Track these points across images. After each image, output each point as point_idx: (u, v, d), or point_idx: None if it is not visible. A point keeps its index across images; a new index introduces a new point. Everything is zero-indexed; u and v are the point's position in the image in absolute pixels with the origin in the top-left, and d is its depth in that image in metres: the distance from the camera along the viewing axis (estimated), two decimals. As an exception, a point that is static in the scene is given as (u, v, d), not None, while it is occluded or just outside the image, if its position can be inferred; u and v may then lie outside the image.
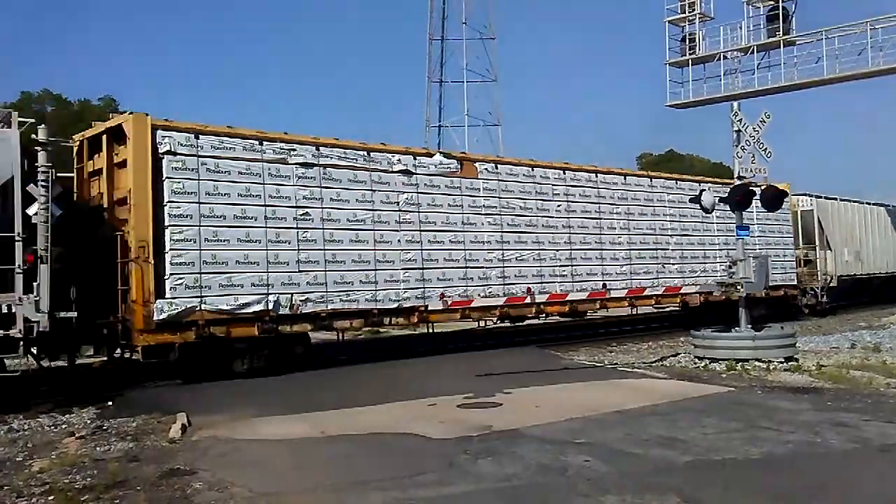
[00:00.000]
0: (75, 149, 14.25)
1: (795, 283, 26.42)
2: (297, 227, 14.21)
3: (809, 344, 17.35)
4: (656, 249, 21.11)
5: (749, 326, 14.40)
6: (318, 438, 8.67)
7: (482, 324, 18.68)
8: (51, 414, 10.67)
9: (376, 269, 15.23)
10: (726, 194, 15.43)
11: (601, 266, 19.63)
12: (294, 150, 14.48)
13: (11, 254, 10.70)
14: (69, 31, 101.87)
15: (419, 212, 16.10)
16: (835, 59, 25.62)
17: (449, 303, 16.24)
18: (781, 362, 13.53)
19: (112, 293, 12.52)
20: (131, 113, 13.06)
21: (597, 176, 19.95)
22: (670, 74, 28.85)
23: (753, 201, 15.25)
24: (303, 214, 14.31)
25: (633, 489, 6.35)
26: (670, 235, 21.61)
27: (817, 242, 28.00)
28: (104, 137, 13.48)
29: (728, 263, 15.26)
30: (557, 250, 18.69)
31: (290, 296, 13.91)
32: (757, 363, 13.43)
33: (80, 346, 13.21)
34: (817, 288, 27.61)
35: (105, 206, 13.31)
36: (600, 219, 19.80)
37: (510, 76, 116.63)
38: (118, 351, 13.51)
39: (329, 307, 14.43)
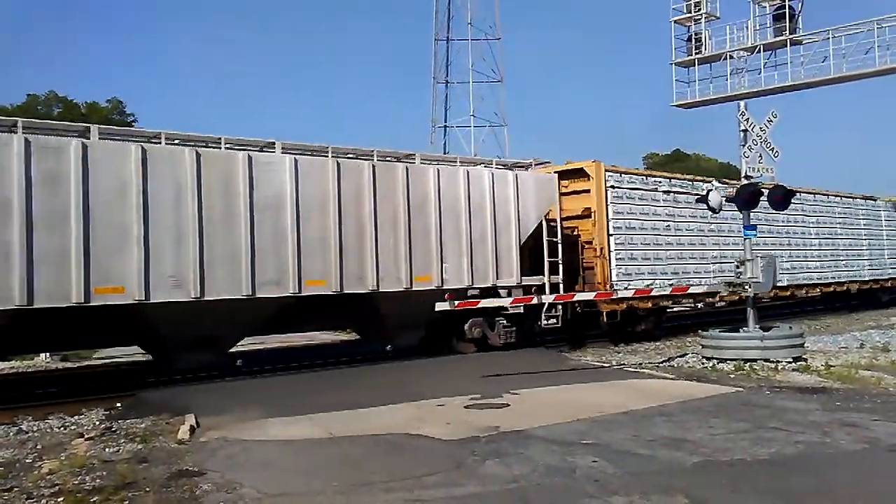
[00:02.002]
0: None
1: None
2: (664, 235, 20.22)
3: (818, 344, 17.30)
4: (835, 249, 28.05)
5: (757, 326, 14.36)
6: (326, 439, 8.69)
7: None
8: (60, 415, 10.73)
9: (699, 263, 21.30)
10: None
11: (835, 261, 27.70)
12: (660, 182, 20.65)
13: (554, 252, 17.31)
14: (72, 32, 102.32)
15: (717, 223, 21.60)
16: (842, 58, 25.53)
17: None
18: (790, 362, 13.49)
19: (571, 277, 18.25)
20: (594, 161, 18.95)
21: (814, 197, 27.45)
22: (676, 74, 28.76)
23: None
24: (666, 226, 20.35)
25: (640, 490, 6.34)
26: (842, 238, 28.53)
27: None
28: (555, 174, 18.73)
29: (736, 263, 15.21)
30: (818, 250, 26.38)
31: (663, 281, 19.37)
32: (765, 363, 13.39)
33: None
34: None
35: (555, 219, 17.89)
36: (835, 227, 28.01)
37: (516, 76, 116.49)
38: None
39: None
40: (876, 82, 26.54)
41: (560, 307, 16.76)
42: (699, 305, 23.72)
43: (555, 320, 16.81)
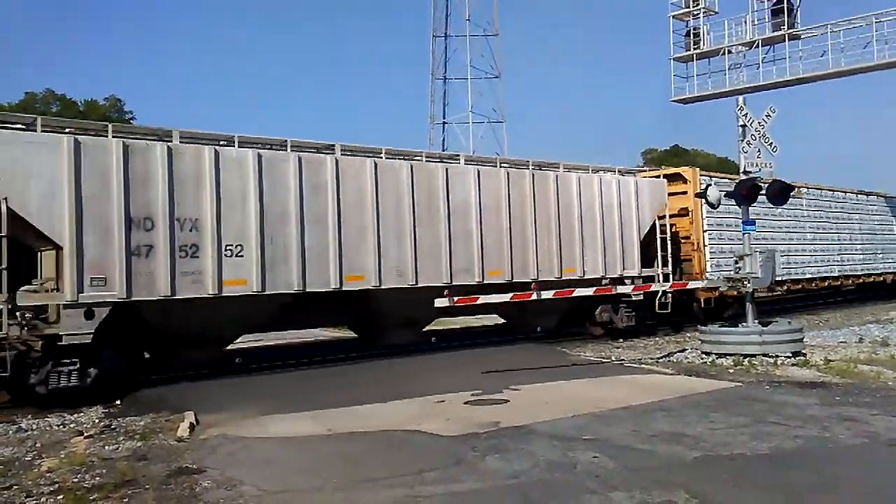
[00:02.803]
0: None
1: None
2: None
3: (817, 339, 17.32)
4: (873, 244, 30.50)
5: (756, 322, 14.36)
6: (326, 436, 8.69)
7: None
8: (59, 413, 10.71)
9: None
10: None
11: (874, 254, 30.33)
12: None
13: (665, 246, 19.69)
14: (68, 30, 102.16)
15: (793, 220, 25.18)
16: (840, 53, 25.58)
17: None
18: (789, 357, 13.48)
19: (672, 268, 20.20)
20: (690, 167, 22.19)
21: (857, 196, 30.08)
22: (675, 69, 28.81)
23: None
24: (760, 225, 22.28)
25: (641, 485, 6.34)
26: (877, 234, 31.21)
27: None
28: (664, 178, 21.04)
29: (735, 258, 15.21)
30: (861, 244, 29.25)
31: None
32: (764, 358, 13.39)
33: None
34: None
35: (665, 217, 20.11)
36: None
37: (514, 72, 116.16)
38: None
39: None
40: (875, 76, 26.58)
41: (670, 295, 19.09)
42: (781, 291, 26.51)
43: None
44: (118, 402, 11.50)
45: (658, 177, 20.90)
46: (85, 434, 9.15)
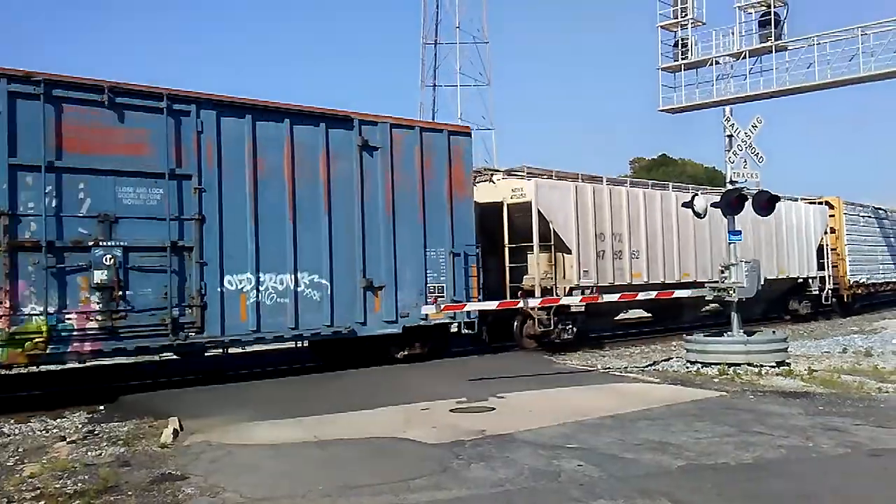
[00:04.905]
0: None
1: None
2: (866, 244, 30.74)
3: (801, 349, 17.41)
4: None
5: (741, 331, 14.44)
6: (311, 443, 8.66)
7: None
8: (42, 418, 10.62)
9: (887, 263, 32.78)
10: (718, 199, 15.51)
11: None
12: (860, 209, 30.79)
13: (828, 255, 27.98)
14: (66, 27, 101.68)
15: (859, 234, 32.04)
16: (826, 65, 25.81)
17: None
18: (773, 367, 13.57)
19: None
20: (836, 197, 29.40)
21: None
22: (663, 79, 28.97)
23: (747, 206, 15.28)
24: (864, 238, 30.38)
25: (625, 494, 6.36)
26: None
27: None
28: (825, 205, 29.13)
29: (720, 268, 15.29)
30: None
31: (869, 274, 30.48)
32: (749, 368, 13.46)
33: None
34: None
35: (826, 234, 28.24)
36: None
37: (503, 80, 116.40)
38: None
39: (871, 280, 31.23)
40: (860, 88, 26.90)
41: (831, 291, 27.11)
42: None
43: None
44: (102, 407, 11.43)
45: (820, 204, 28.24)
46: (67, 439, 9.06)
